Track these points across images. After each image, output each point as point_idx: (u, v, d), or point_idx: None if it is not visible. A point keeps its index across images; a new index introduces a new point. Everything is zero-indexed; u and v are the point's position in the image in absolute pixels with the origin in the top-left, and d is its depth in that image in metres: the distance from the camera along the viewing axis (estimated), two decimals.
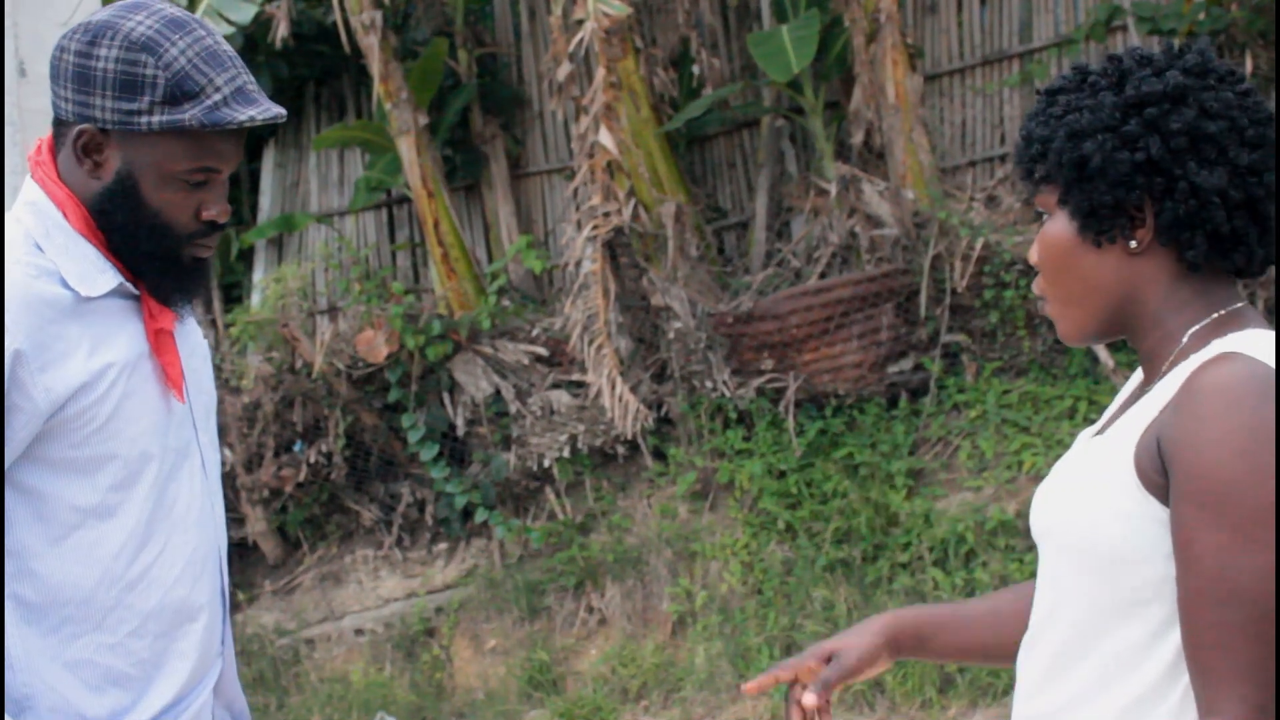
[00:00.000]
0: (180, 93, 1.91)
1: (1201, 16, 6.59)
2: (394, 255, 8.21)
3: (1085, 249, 1.75)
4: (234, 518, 7.42)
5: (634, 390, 6.91)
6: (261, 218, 8.24)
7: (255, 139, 8.18)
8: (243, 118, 1.92)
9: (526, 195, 8.16)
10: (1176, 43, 1.79)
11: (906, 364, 6.86)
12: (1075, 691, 1.71)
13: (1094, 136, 1.71)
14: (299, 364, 7.43)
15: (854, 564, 6.34)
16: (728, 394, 6.82)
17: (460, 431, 7.36)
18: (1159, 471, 1.63)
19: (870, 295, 6.78)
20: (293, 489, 7.42)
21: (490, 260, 7.95)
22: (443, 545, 7.38)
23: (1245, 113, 1.71)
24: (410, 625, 7.09)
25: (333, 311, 7.96)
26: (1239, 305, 1.74)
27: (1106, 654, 1.68)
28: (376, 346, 7.26)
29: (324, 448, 7.39)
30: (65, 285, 1.92)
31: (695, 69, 7.52)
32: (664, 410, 7.08)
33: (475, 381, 7.31)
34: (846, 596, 6.20)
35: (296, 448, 7.50)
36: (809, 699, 1.88)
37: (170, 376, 2.02)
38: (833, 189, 6.97)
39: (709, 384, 6.86)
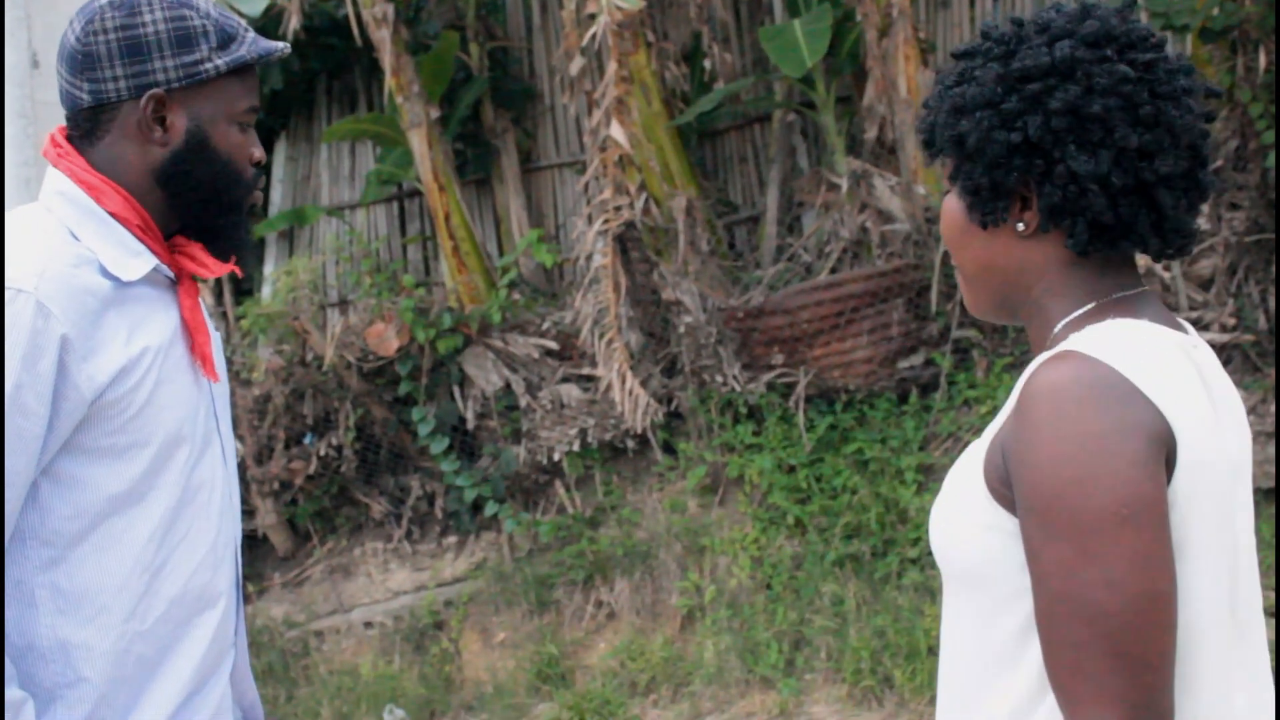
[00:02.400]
0: (226, 36, 2.01)
1: (1215, 11, 6.50)
2: (405, 248, 8.21)
3: (974, 229, 1.64)
4: (244, 510, 7.43)
5: (644, 384, 6.91)
6: (272, 210, 8.25)
7: (267, 131, 8.18)
8: (278, 46, 2.06)
9: (537, 189, 8.15)
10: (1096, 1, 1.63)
11: (917, 359, 6.85)
12: (969, 706, 1.64)
13: (972, 114, 1.59)
14: (309, 357, 7.44)
15: (863, 559, 6.34)
16: (738, 389, 6.82)
17: (470, 425, 7.36)
18: (1004, 482, 1.53)
19: (881, 290, 6.76)
20: (303, 481, 7.43)
21: (501, 254, 7.95)
22: (452, 538, 7.39)
23: (1143, 87, 1.55)
24: (419, 618, 7.09)
25: (343, 304, 7.98)
26: (1130, 292, 1.62)
27: (986, 669, 1.60)
28: (387, 339, 7.26)
29: (334, 440, 7.40)
30: (104, 273, 1.94)
31: (707, 63, 7.50)
32: (674, 405, 7.07)
33: (485, 375, 7.31)
34: (856, 592, 6.19)
35: (307, 440, 7.50)
36: None
37: (204, 354, 2.04)
38: (844, 184, 6.96)
39: (719, 378, 6.85)
